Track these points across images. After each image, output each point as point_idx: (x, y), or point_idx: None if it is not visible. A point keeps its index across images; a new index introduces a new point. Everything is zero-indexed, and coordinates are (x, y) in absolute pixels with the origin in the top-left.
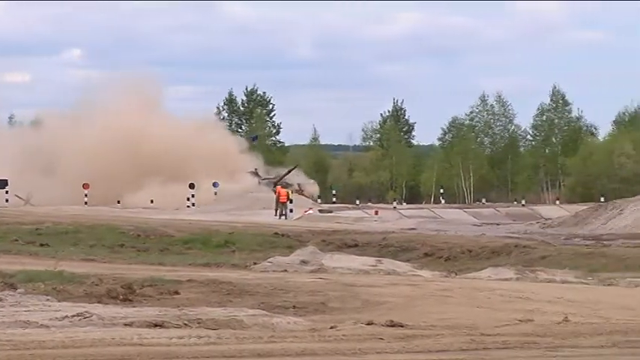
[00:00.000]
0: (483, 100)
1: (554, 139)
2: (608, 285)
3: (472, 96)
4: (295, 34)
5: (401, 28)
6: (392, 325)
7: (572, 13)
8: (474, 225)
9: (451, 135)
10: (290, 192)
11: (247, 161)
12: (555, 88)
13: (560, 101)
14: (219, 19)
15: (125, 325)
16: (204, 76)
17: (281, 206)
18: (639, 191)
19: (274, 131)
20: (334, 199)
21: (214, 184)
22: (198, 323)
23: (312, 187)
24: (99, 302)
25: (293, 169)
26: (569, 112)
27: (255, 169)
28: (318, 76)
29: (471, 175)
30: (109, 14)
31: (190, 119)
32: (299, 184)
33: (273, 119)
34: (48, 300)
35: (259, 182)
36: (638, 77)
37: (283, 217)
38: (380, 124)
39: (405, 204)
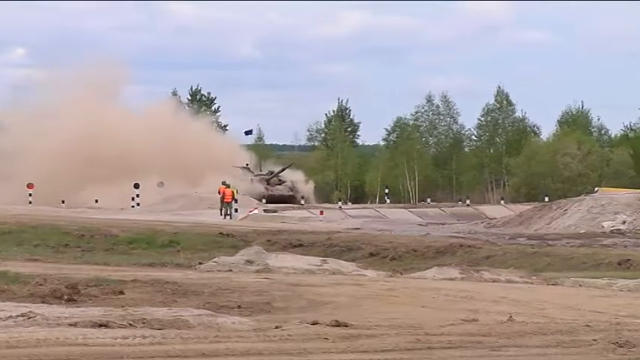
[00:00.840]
0: (429, 100)
1: (498, 139)
2: (553, 284)
3: (417, 96)
4: (239, 33)
5: (345, 27)
6: (337, 324)
7: (516, 13)
8: (419, 225)
9: (396, 135)
10: (235, 191)
11: (227, 157)
12: (500, 88)
13: (505, 101)
14: (162, 19)
15: (70, 325)
16: (148, 75)
17: (226, 206)
18: (583, 191)
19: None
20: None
21: (159, 184)
22: (143, 323)
23: (307, 186)
24: (43, 302)
25: (288, 167)
26: (514, 112)
27: (247, 165)
28: (263, 76)
29: (416, 174)
30: (52, 14)
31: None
32: (292, 182)
33: (219, 119)
34: None
35: (252, 179)
36: (582, 77)
37: (228, 217)
38: (325, 124)
39: (350, 204)
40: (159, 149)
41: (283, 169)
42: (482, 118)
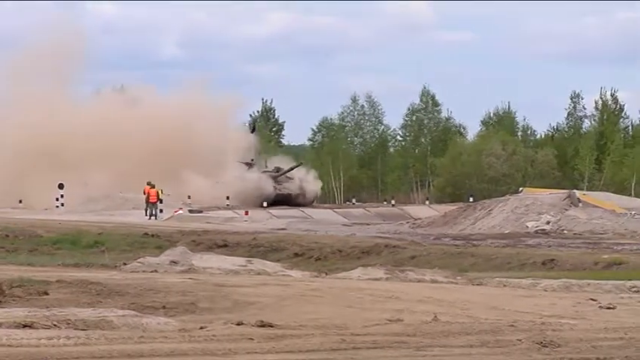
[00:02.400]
0: (354, 100)
1: (423, 140)
2: (477, 284)
3: (343, 96)
4: (162, 33)
5: (269, 27)
6: (262, 325)
7: (440, 14)
8: (344, 225)
9: (321, 135)
10: (160, 191)
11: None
12: (425, 88)
13: (430, 101)
14: (83, 19)
15: None
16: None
17: (151, 206)
18: (508, 191)
19: None
20: None
21: (84, 184)
22: (68, 324)
23: (314, 185)
24: None
25: (297, 166)
26: (439, 112)
27: (252, 160)
28: (187, 76)
29: (341, 175)
30: None
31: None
32: (301, 180)
33: None
34: None
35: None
36: (507, 77)
37: (153, 218)
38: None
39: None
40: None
41: (292, 168)
42: (408, 118)
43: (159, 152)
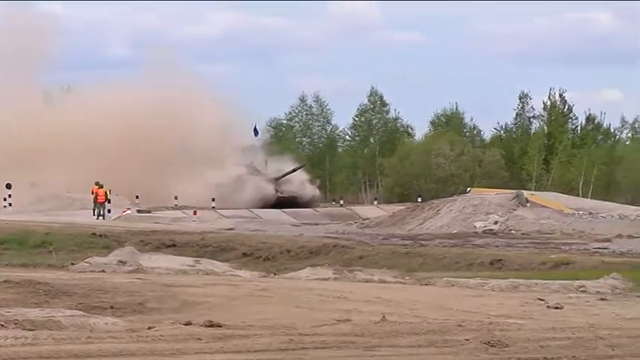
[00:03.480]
0: (302, 100)
1: (372, 140)
2: (425, 284)
3: (291, 96)
4: (110, 33)
5: (217, 28)
6: (210, 325)
7: (388, 14)
8: (293, 225)
9: (270, 135)
10: (108, 192)
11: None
12: (373, 88)
13: (378, 102)
14: (30, 19)
15: None
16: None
17: (99, 206)
18: (456, 192)
19: None
20: None
21: (33, 184)
22: (15, 324)
23: (313, 189)
24: None
25: (299, 167)
26: (387, 112)
27: (251, 162)
28: (134, 76)
29: None
30: None
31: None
32: (302, 182)
33: None
34: None
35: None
36: (455, 78)
37: (101, 218)
38: None
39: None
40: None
41: (294, 170)
42: (357, 119)
43: (137, 151)
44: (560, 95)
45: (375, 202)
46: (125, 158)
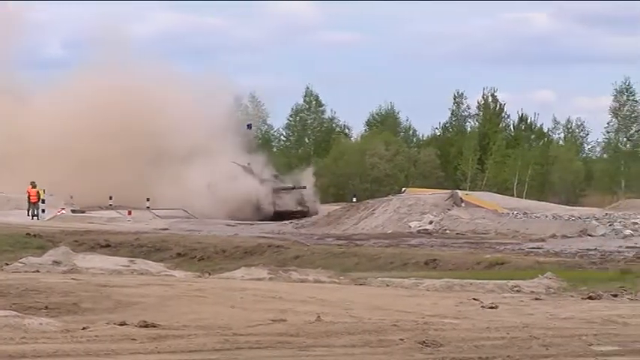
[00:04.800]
0: (237, 100)
1: (307, 140)
2: (360, 284)
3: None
4: (46, 33)
5: (155, 27)
6: (145, 325)
7: (325, 15)
8: (228, 225)
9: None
10: (42, 191)
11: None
12: (308, 88)
13: (314, 102)
14: None
15: None
16: None
17: (32, 206)
18: (391, 191)
19: None
20: None
21: None
22: None
23: (314, 204)
24: None
25: (301, 187)
26: (323, 112)
27: (248, 164)
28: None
29: None
30: None
31: None
32: (302, 194)
33: None
34: None
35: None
36: (392, 78)
37: (35, 218)
38: None
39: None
40: None
41: (295, 188)
42: (292, 119)
43: (102, 152)
44: (492, 95)
45: None
46: (90, 160)
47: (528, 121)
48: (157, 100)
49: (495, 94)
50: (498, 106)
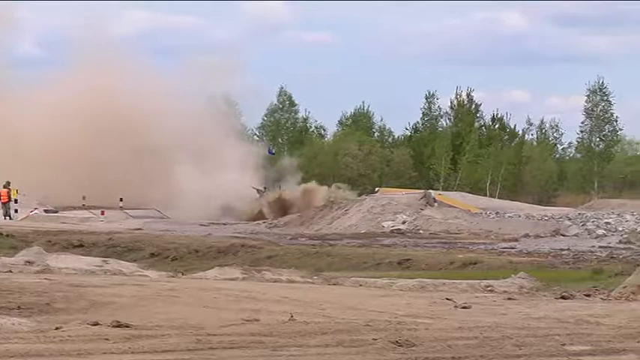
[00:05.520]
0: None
1: (280, 140)
2: (334, 284)
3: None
4: (20, 31)
5: (129, 27)
6: (118, 325)
7: (299, 14)
8: (201, 225)
9: None
10: (15, 191)
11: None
12: (282, 88)
13: (287, 102)
14: None
15: None
16: None
17: (4, 207)
18: (364, 191)
19: None
20: None
21: None
22: None
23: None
24: None
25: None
26: (296, 112)
27: (264, 188)
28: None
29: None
30: None
31: None
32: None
33: None
34: None
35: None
36: (365, 78)
37: (7, 218)
38: None
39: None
40: None
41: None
42: (266, 119)
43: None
44: (468, 94)
45: None
46: (78, 159)
47: (502, 121)
48: (135, 99)
49: (471, 93)
50: (474, 105)
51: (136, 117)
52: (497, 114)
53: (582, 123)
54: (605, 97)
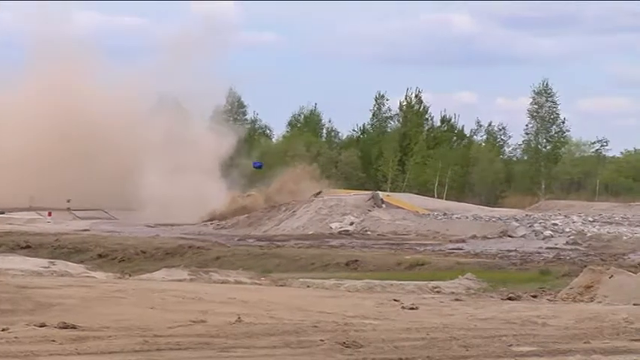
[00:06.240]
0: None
1: None
2: (281, 286)
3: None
4: None
5: (77, 28)
6: (65, 326)
7: (247, 15)
8: (148, 226)
9: None
10: None
11: None
12: (231, 90)
13: (236, 103)
14: None
15: None
16: None
17: None
18: (312, 193)
19: None
20: None
21: None
22: None
23: None
24: None
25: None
26: (245, 114)
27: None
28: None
29: None
30: None
31: None
32: None
33: None
34: None
35: None
36: (314, 79)
37: None
38: None
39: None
40: None
41: None
42: (214, 121)
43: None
44: (416, 95)
45: None
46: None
47: (450, 122)
48: (87, 100)
49: (420, 94)
50: (423, 107)
51: (87, 118)
52: (446, 115)
53: (527, 125)
54: (551, 99)
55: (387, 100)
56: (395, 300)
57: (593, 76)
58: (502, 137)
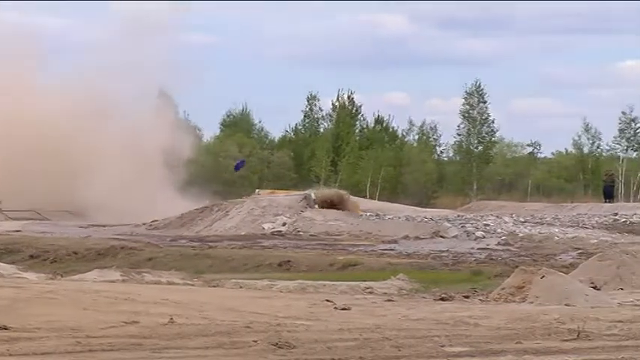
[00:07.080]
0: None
1: None
2: (214, 286)
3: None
4: None
5: (7, 27)
6: None
7: (176, 15)
8: (80, 227)
9: None
10: None
11: None
12: (161, 90)
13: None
14: None
15: None
16: None
17: None
18: (244, 193)
19: None
20: None
21: None
22: None
23: None
24: None
25: None
26: (176, 113)
27: None
28: None
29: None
30: None
31: None
32: None
33: None
34: None
35: None
36: (245, 80)
37: None
38: None
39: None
40: None
41: None
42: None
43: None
44: (349, 96)
45: None
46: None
47: (384, 123)
48: (26, 100)
49: (352, 95)
50: (355, 108)
51: (27, 119)
52: (379, 116)
53: (459, 125)
54: (482, 99)
55: (319, 100)
56: (327, 300)
57: (524, 77)
58: (434, 137)
